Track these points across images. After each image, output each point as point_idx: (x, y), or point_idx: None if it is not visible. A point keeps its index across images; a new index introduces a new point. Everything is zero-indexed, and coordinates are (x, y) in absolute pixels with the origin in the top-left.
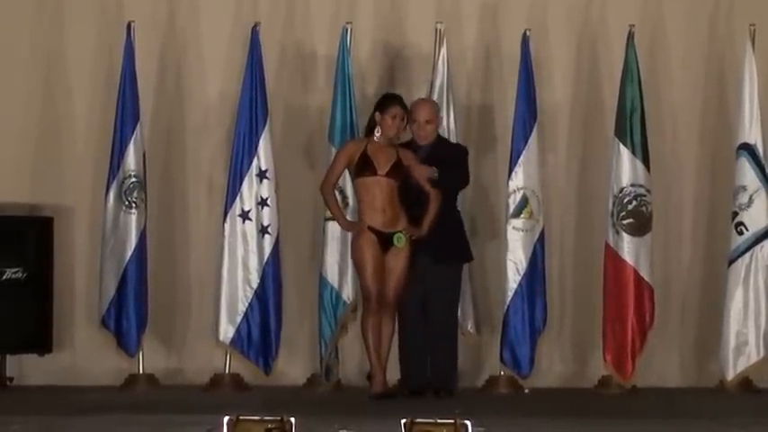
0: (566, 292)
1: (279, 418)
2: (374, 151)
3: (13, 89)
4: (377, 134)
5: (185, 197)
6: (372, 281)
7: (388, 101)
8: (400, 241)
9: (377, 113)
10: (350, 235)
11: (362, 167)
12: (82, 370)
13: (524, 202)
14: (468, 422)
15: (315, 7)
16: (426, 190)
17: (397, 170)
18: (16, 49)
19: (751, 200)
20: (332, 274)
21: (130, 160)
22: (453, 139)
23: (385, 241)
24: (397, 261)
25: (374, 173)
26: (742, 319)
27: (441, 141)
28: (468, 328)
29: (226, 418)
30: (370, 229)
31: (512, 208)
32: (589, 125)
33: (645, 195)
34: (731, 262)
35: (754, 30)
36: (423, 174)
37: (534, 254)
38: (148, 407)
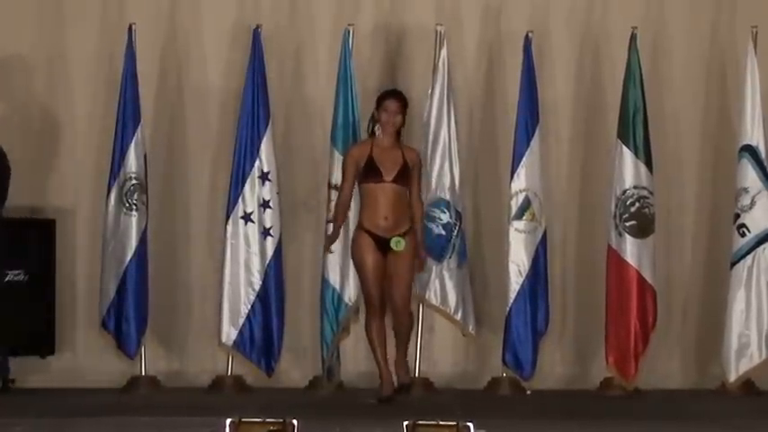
0: (568, 293)
1: (281, 420)
2: (380, 155)
3: (14, 91)
4: (377, 132)
5: (187, 199)
6: (374, 285)
7: (381, 96)
8: (399, 245)
9: (375, 112)
10: (350, 237)
11: (368, 173)
12: (84, 372)
13: (526, 204)
14: (470, 424)
15: (316, 9)
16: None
17: (404, 175)
18: (18, 51)
19: (753, 202)
20: (333, 275)
21: (131, 162)
22: (454, 143)
23: (384, 245)
24: (400, 265)
25: (381, 179)
26: (744, 320)
27: None
28: (470, 329)
29: (228, 420)
30: (369, 233)
31: (514, 210)
32: (591, 127)
33: (647, 197)
34: (733, 264)
35: (756, 32)
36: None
37: (536, 255)
38: (150, 409)
